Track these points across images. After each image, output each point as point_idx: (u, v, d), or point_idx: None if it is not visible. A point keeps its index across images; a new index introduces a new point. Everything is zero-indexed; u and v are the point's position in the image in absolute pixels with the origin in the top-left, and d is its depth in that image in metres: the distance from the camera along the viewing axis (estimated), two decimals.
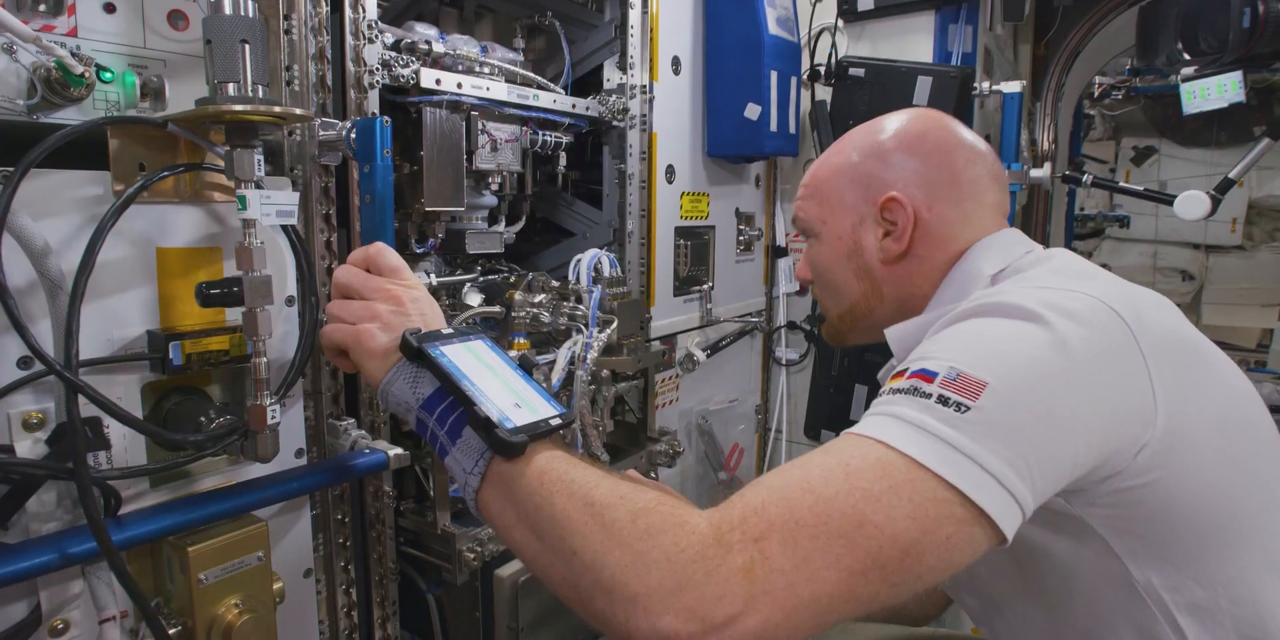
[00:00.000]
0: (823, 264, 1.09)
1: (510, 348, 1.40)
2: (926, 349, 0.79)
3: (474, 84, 1.41)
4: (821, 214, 1.08)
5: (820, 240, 1.08)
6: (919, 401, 0.71)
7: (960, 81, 2.04)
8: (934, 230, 0.99)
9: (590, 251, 1.56)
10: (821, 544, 0.63)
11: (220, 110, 0.79)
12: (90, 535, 0.78)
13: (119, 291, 0.89)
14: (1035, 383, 0.71)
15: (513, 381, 0.85)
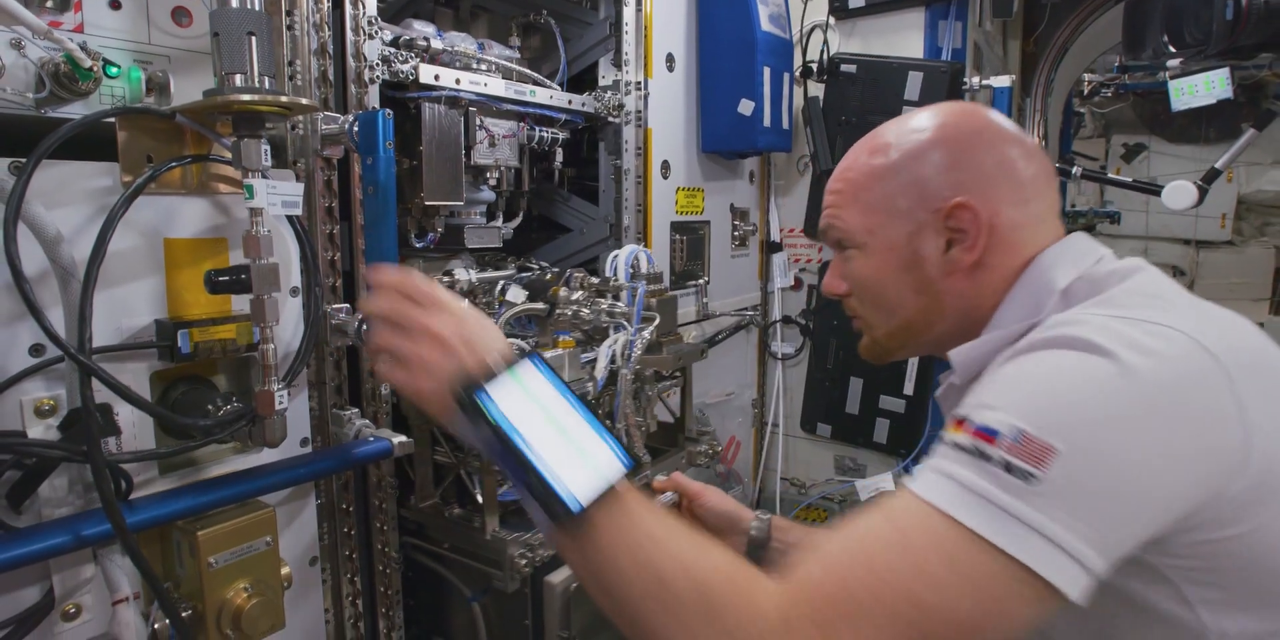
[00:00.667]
0: (870, 278, 0.97)
1: (554, 345, 1.36)
2: (991, 393, 0.73)
3: (472, 80, 1.43)
4: (867, 223, 0.95)
5: (866, 252, 0.96)
6: (982, 466, 0.67)
7: (951, 76, 2.06)
8: (1004, 236, 0.90)
9: (628, 247, 1.56)
10: (881, 627, 0.62)
11: (228, 100, 0.81)
12: (103, 518, 0.80)
13: (127, 281, 0.90)
14: (1109, 444, 0.66)
15: (569, 423, 0.81)
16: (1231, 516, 0.69)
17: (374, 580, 1.30)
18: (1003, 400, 0.71)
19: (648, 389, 1.50)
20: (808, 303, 2.41)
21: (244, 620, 0.93)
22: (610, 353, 1.37)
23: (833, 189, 1.00)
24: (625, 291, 1.46)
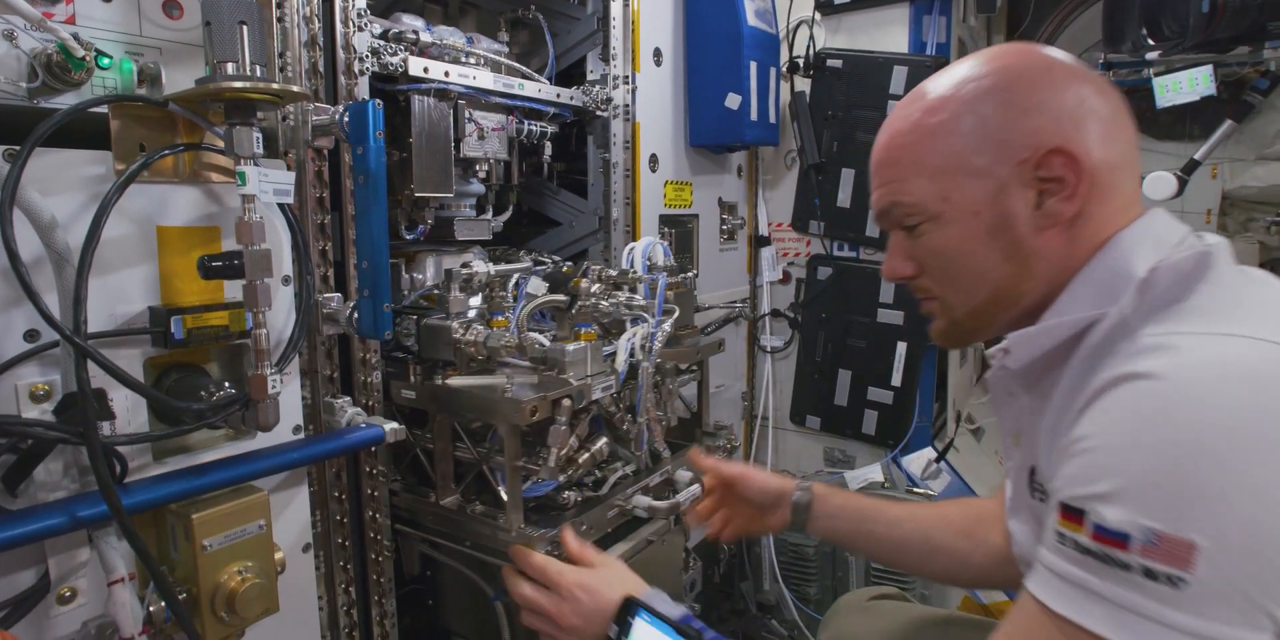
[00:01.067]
0: (952, 250, 0.87)
1: (578, 338, 1.32)
2: (1097, 469, 0.66)
3: (461, 73, 1.44)
4: (940, 190, 0.86)
5: (942, 222, 0.87)
6: (1120, 575, 0.62)
7: (935, 70, 2.08)
8: (1103, 180, 0.81)
9: (644, 239, 1.55)
10: None
11: (220, 87, 0.82)
12: (98, 500, 0.81)
13: (121, 268, 0.91)
14: (1253, 520, 0.60)
15: None
16: None
17: (366, 568, 1.31)
18: (1115, 484, 0.64)
19: (668, 382, 1.48)
20: (796, 296, 2.43)
21: (238, 603, 0.94)
22: (629, 346, 1.36)
23: (886, 161, 0.91)
24: (643, 284, 1.44)
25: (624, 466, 1.46)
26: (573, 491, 1.35)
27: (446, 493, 1.35)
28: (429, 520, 1.35)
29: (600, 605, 1.05)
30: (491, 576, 1.30)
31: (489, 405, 1.21)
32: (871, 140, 2.30)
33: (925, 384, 2.30)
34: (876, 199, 0.93)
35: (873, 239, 2.22)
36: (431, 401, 1.29)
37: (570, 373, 1.26)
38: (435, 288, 1.54)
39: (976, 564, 1.19)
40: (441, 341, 1.29)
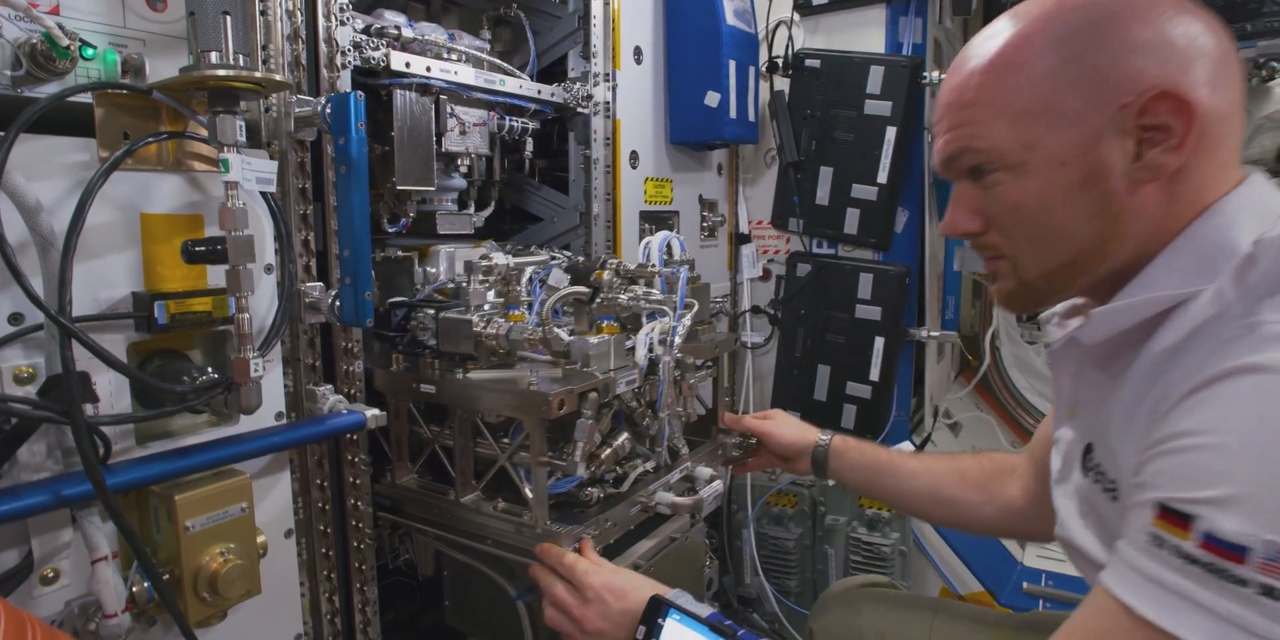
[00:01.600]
0: (1031, 203, 0.78)
1: (599, 331, 1.30)
2: (1206, 471, 0.61)
3: (442, 68, 1.46)
4: (1023, 136, 0.77)
5: (1022, 172, 0.78)
6: (1232, 590, 0.57)
7: (911, 70, 2.13)
8: (1211, 131, 0.72)
9: (660, 233, 1.52)
10: None
11: (204, 76, 0.84)
12: (82, 479, 0.83)
13: (105, 254, 0.93)
14: None
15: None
16: None
17: (349, 555, 1.32)
18: (1233, 490, 0.58)
19: (688, 377, 1.46)
20: (776, 293, 2.46)
21: (220, 583, 0.96)
22: (648, 340, 1.33)
23: (959, 102, 0.81)
24: (660, 277, 1.42)
25: (644, 463, 1.43)
26: (595, 488, 1.32)
27: (467, 490, 1.32)
28: (447, 518, 1.33)
29: (627, 607, 1.05)
30: (512, 575, 1.29)
31: (515, 399, 1.18)
32: (848, 139, 2.33)
33: (903, 379, 2.33)
34: (944, 144, 0.83)
35: (851, 235, 2.26)
36: (453, 396, 1.27)
37: (594, 366, 1.24)
38: (449, 282, 1.55)
39: (986, 516, 1.26)
40: (462, 335, 1.26)
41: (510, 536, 1.26)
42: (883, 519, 2.23)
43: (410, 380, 1.31)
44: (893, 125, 2.16)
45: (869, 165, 2.20)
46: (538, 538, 1.20)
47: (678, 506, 1.37)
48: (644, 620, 1.02)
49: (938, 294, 2.34)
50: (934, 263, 2.34)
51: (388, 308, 1.35)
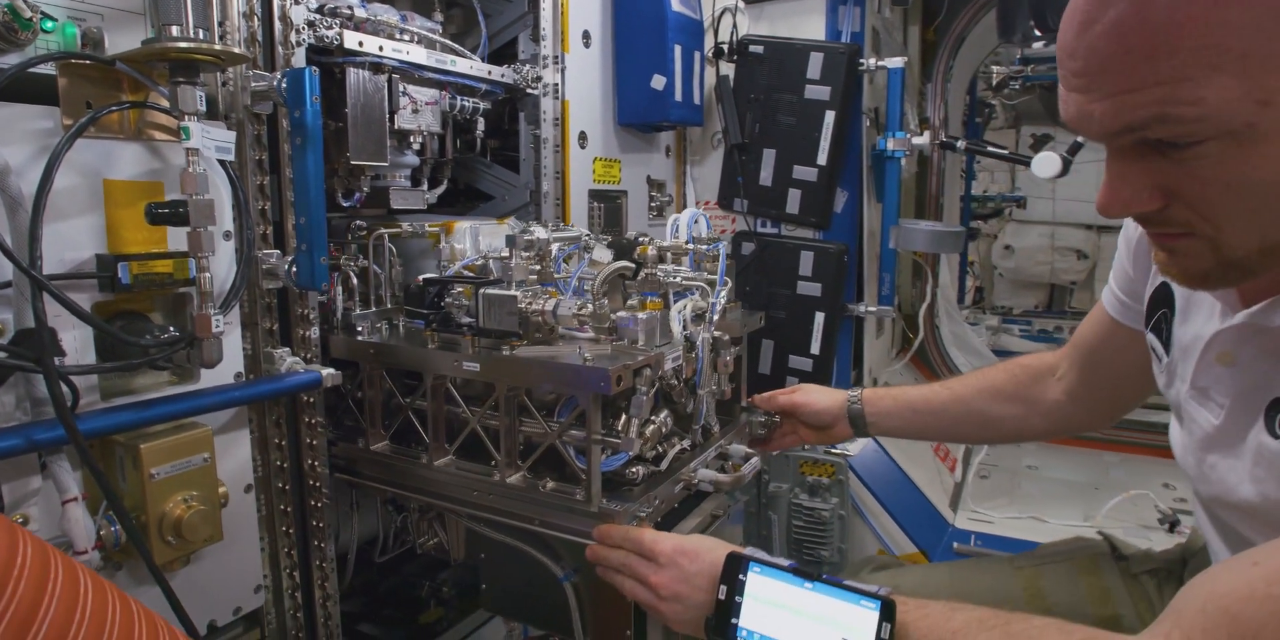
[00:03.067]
0: (1261, 177, 0.62)
1: (643, 307, 1.28)
2: None
3: (395, 48, 1.52)
4: (1256, 88, 0.58)
5: (1256, 137, 0.60)
6: None
7: (848, 57, 2.23)
8: None
9: (688, 210, 1.50)
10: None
11: (166, 48, 0.89)
12: (52, 426, 0.89)
13: (70, 217, 0.98)
14: None
15: (808, 604, 0.91)
16: None
17: (306, 514, 1.39)
18: None
19: (724, 354, 1.43)
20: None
21: (184, 528, 1.02)
22: (680, 318, 1.30)
23: (1134, 49, 0.60)
24: (687, 256, 1.40)
25: (680, 442, 1.40)
26: (639, 466, 1.28)
27: (512, 470, 1.29)
28: (490, 498, 1.30)
29: (702, 568, 1.01)
30: (559, 556, 1.27)
31: (573, 375, 1.15)
32: (790, 123, 2.44)
33: (843, 352, 2.45)
34: (1113, 111, 0.62)
35: (793, 215, 2.36)
36: (500, 373, 1.24)
37: (643, 342, 1.22)
38: (480, 258, 1.53)
39: (1034, 427, 1.32)
40: (506, 311, 1.24)
41: (563, 516, 1.23)
42: (822, 485, 2.34)
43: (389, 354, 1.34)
44: (831, 109, 2.26)
45: (809, 147, 2.30)
46: (593, 517, 1.18)
47: (719, 483, 1.34)
48: (724, 578, 0.98)
49: (875, 271, 2.46)
50: (872, 241, 2.46)
51: (421, 285, 1.37)
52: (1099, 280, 6.95)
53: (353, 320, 1.45)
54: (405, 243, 1.60)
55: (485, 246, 1.63)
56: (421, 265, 1.63)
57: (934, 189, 3.33)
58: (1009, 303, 7.44)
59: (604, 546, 1.12)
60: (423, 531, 1.49)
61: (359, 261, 1.49)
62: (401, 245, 1.58)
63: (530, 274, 1.32)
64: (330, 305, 1.44)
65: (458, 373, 1.27)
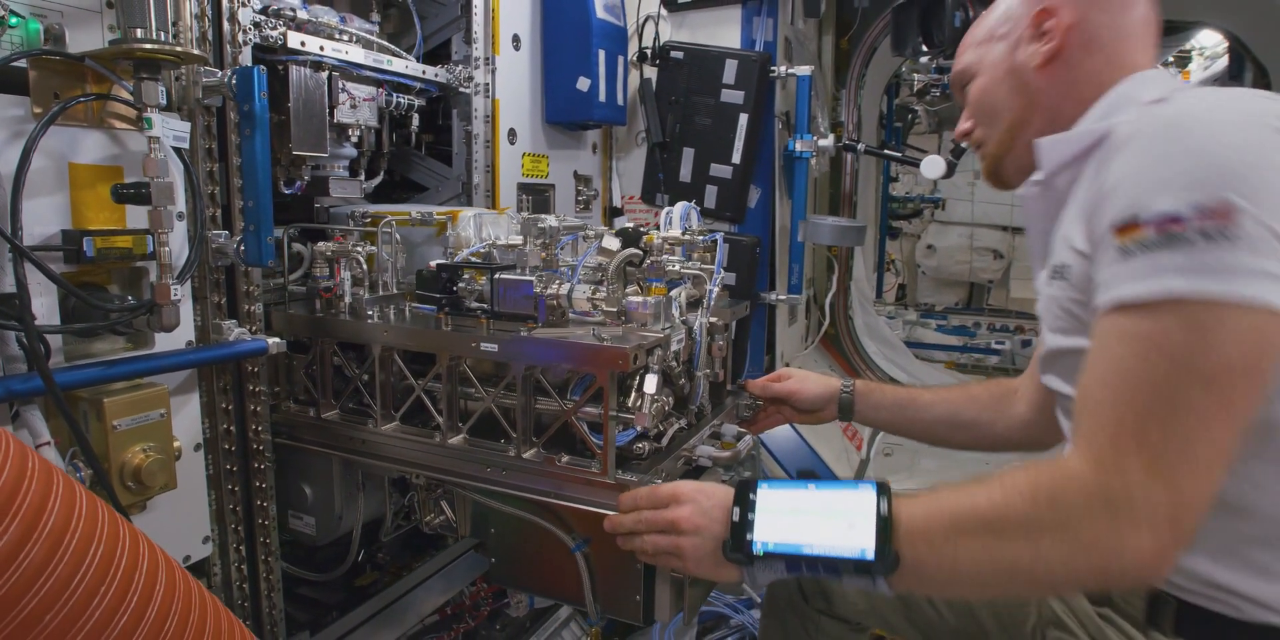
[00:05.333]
0: (980, 94, 1.16)
1: (648, 293, 1.35)
2: (1137, 186, 0.80)
3: (334, 48, 1.65)
4: (977, 55, 1.17)
5: (979, 75, 1.16)
6: (1183, 246, 0.74)
7: (760, 64, 2.43)
8: (1093, 35, 1.03)
9: (680, 204, 1.56)
10: (1174, 418, 0.72)
11: (133, 48, 1.02)
12: (26, 380, 1.01)
13: (38, 196, 1.10)
14: (1267, 170, 0.74)
15: (816, 502, 0.97)
16: None
17: (250, 474, 1.51)
18: (1157, 183, 0.78)
19: (717, 339, 1.52)
20: None
21: (144, 474, 1.14)
22: (677, 305, 1.37)
23: (959, 50, 1.23)
24: (681, 246, 1.47)
25: (677, 421, 1.47)
26: (644, 443, 1.35)
27: (528, 446, 1.35)
28: (504, 474, 1.36)
29: (717, 501, 1.06)
30: (570, 528, 1.31)
31: (591, 354, 1.22)
32: (707, 124, 2.63)
33: (756, 338, 2.65)
34: (951, 79, 1.25)
35: (710, 209, 2.54)
36: (518, 354, 1.30)
37: (652, 325, 1.30)
38: (488, 245, 1.58)
39: (998, 433, 1.43)
40: (521, 295, 1.31)
41: (579, 488, 1.29)
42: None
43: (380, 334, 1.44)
44: (745, 112, 2.46)
45: (725, 147, 2.49)
46: (610, 488, 1.24)
47: (717, 459, 1.41)
48: (737, 502, 1.04)
49: (785, 263, 2.67)
50: (782, 235, 2.67)
51: (434, 270, 1.43)
52: (1014, 279, 7.35)
53: (363, 305, 1.53)
54: (407, 231, 1.68)
55: (486, 234, 1.69)
56: (423, 252, 1.72)
57: (847, 188, 3.56)
58: (931, 300, 7.77)
59: (620, 515, 1.16)
60: (429, 509, 1.53)
61: (365, 248, 1.56)
62: (403, 233, 1.65)
63: (541, 261, 1.41)
64: (337, 290, 1.52)
65: (476, 354, 1.34)
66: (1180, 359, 0.75)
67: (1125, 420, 0.76)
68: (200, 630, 0.80)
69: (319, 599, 1.92)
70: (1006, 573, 0.81)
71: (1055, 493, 0.79)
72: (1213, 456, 0.75)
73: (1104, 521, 0.76)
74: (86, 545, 0.72)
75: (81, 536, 0.74)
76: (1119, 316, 0.81)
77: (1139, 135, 0.84)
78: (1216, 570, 0.88)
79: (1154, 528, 0.74)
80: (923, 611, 1.45)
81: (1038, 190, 1.07)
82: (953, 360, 5.48)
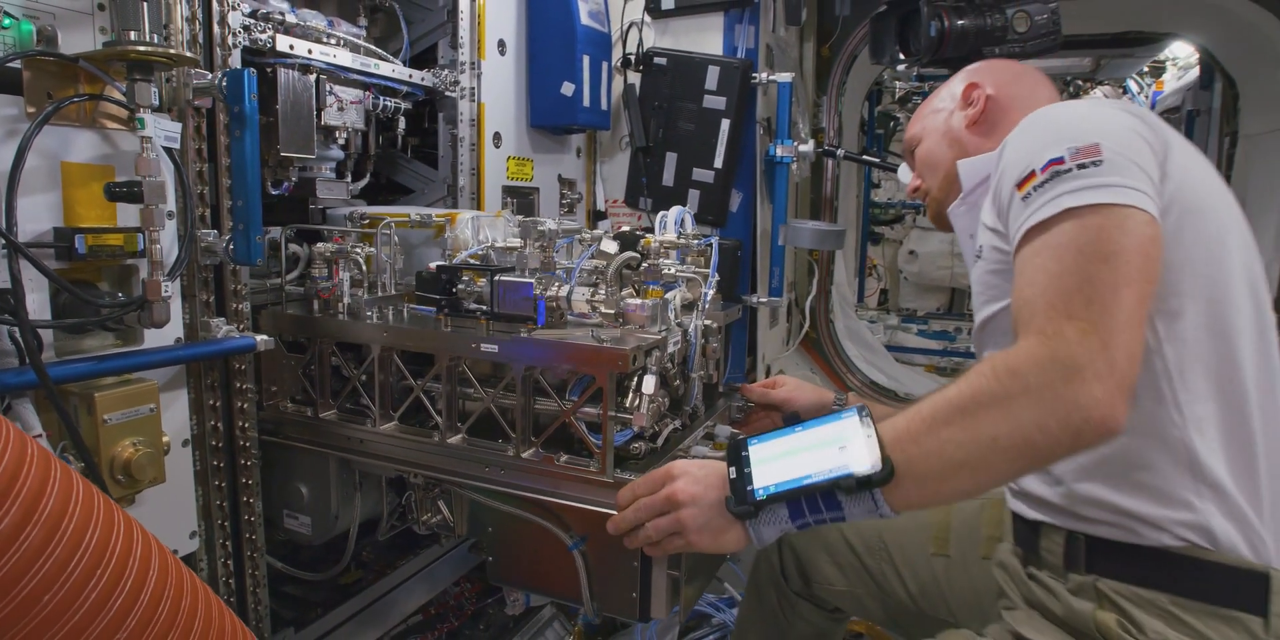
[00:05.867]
0: (924, 153, 1.47)
1: (645, 295, 1.37)
2: (1028, 151, 1.06)
3: (322, 51, 1.68)
4: (922, 125, 1.50)
5: (924, 139, 1.48)
6: (1067, 176, 0.99)
7: (742, 71, 2.47)
8: (1003, 101, 1.38)
9: (675, 208, 1.59)
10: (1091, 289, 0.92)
11: (127, 50, 1.05)
12: (19, 372, 1.03)
13: (32, 194, 1.12)
14: (1114, 128, 1.04)
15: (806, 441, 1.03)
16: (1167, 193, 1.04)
17: (236, 470, 1.53)
18: (1041, 145, 1.05)
19: (711, 341, 1.55)
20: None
21: (133, 468, 1.16)
22: (672, 307, 1.39)
23: (910, 124, 1.55)
24: (676, 250, 1.50)
25: (672, 422, 1.48)
26: (640, 443, 1.37)
27: (527, 446, 1.37)
28: (503, 474, 1.39)
29: (710, 467, 1.10)
30: (567, 526, 1.33)
31: (592, 355, 1.25)
32: (690, 129, 2.69)
33: (737, 340, 2.69)
34: (904, 148, 1.57)
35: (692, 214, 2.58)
36: (518, 354, 1.32)
37: (649, 327, 1.32)
38: (487, 247, 1.60)
39: None
40: (520, 297, 1.33)
41: (578, 487, 1.31)
42: None
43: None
44: (727, 118, 2.50)
45: (707, 152, 2.53)
46: (608, 486, 1.27)
47: (710, 457, 1.39)
48: (730, 462, 1.08)
49: (766, 266, 2.71)
50: (764, 238, 2.71)
51: (434, 271, 1.45)
52: None
53: (362, 305, 1.55)
54: (404, 233, 1.70)
55: (484, 237, 1.71)
56: (420, 254, 1.74)
57: (828, 193, 3.61)
58: (913, 305, 7.84)
59: (621, 513, 1.17)
60: (425, 509, 1.54)
61: (363, 249, 1.58)
62: (400, 235, 1.66)
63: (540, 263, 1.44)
64: (335, 291, 1.54)
65: (476, 355, 1.36)
66: (1084, 249, 0.94)
67: (1055, 301, 0.92)
68: (192, 613, 0.83)
69: (304, 596, 1.94)
70: (989, 448, 0.89)
71: (1013, 366, 0.90)
72: (1128, 316, 0.91)
73: (1059, 380, 0.87)
74: (84, 529, 0.74)
75: (79, 520, 0.76)
76: (1032, 238, 1.00)
77: (1016, 132, 1.14)
78: (1116, 496, 1.05)
79: (1099, 377, 0.86)
80: (895, 596, 1.51)
81: (964, 208, 1.34)
82: (933, 364, 5.54)
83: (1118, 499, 1.05)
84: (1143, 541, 1.03)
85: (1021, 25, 2.15)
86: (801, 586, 1.66)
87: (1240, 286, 1.05)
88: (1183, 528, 1.01)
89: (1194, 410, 1.02)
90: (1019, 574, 1.20)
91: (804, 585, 1.65)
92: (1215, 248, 1.04)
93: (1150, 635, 1.00)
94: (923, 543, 1.54)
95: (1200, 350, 1.03)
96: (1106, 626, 1.02)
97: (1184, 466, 1.02)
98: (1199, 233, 1.04)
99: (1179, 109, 4.82)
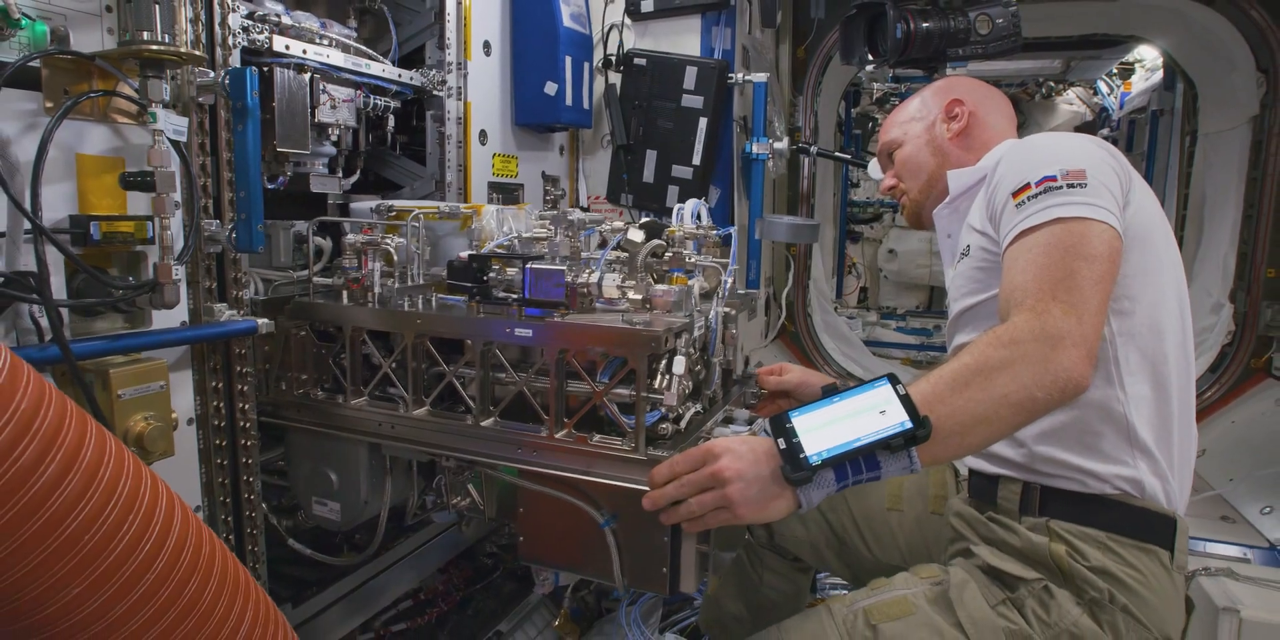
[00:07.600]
0: (905, 158, 1.61)
1: (669, 282, 1.42)
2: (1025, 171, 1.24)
3: (316, 51, 1.76)
4: (901, 131, 1.62)
5: (905, 144, 1.61)
6: (1058, 192, 1.19)
7: (718, 71, 2.57)
8: (981, 117, 1.55)
9: (691, 201, 1.65)
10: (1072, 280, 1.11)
11: (141, 49, 1.13)
12: (41, 349, 1.10)
13: (49, 184, 1.19)
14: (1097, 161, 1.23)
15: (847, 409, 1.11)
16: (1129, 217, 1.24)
17: (237, 449, 1.60)
18: (1036, 164, 1.24)
19: (730, 327, 1.60)
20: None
21: (146, 440, 1.24)
22: (693, 296, 1.43)
23: (885, 128, 1.69)
24: (693, 240, 1.56)
25: (694, 405, 1.51)
26: (668, 424, 1.40)
27: (560, 427, 1.40)
28: (536, 454, 1.41)
29: (755, 444, 1.13)
30: (599, 505, 1.35)
31: (627, 337, 1.28)
32: (670, 127, 2.78)
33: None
34: (879, 149, 1.70)
35: (671, 209, 2.68)
36: (552, 338, 1.36)
37: (676, 312, 1.37)
38: (514, 237, 1.67)
39: None
40: (553, 284, 1.37)
41: (612, 466, 1.34)
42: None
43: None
44: (704, 116, 2.60)
45: (686, 149, 2.63)
46: (641, 464, 1.30)
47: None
48: (776, 435, 1.11)
49: (743, 259, 2.81)
50: (741, 233, 2.81)
51: (466, 261, 1.49)
52: None
53: (393, 294, 1.60)
54: (430, 225, 1.75)
55: (508, 228, 1.76)
56: (446, 245, 1.80)
57: (805, 189, 3.72)
58: (893, 303, 7.95)
59: (658, 490, 1.18)
60: (455, 492, 1.58)
61: (393, 240, 1.64)
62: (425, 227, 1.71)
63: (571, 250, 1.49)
64: (365, 280, 1.60)
65: (511, 339, 1.40)
66: (1069, 249, 1.14)
67: (1044, 287, 1.12)
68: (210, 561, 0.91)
69: (301, 576, 2.01)
70: (1002, 403, 1.06)
71: (1013, 336, 1.09)
72: (1098, 303, 1.12)
73: (1048, 347, 1.06)
74: (78, 445, 0.81)
75: (73, 436, 0.82)
76: (1024, 238, 1.19)
77: (1012, 151, 1.34)
78: (1069, 455, 1.26)
79: (1075, 345, 1.07)
80: (852, 545, 1.67)
81: (948, 211, 1.52)
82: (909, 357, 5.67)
83: (1070, 457, 1.26)
84: (1088, 490, 1.25)
85: (984, 28, 2.26)
86: (766, 538, 1.79)
87: (1171, 296, 1.28)
88: (1120, 480, 1.24)
89: (1133, 391, 1.24)
90: (977, 518, 1.37)
91: (768, 537, 1.78)
92: (1155, 265, 1.27)
93: (1092, 561, 1.20)
94: (879, 498, 1.68)
95: (1142, 344, 1.25)
96: (1058, 555, 1.22)
97: (1123, 434, 1.24)
98: (1144, 253, 1.26)
99: (1145, 109, 4.99)
